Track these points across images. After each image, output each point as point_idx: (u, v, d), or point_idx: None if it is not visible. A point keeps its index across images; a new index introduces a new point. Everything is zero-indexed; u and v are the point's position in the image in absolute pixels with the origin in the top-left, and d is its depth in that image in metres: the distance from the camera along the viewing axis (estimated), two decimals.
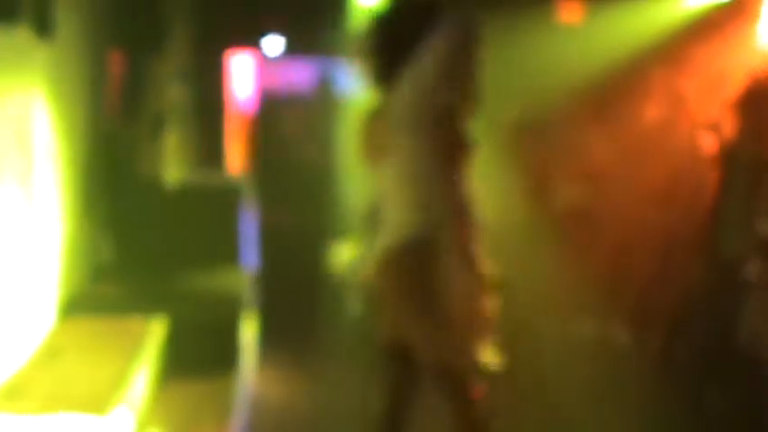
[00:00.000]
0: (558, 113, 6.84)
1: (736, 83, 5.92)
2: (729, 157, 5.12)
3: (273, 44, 8.84)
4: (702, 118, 6.95)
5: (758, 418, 3.70)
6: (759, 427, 3.69)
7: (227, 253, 6.13)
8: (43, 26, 4.18)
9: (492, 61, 3.57)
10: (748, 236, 3.84)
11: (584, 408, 5.54)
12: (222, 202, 6.26)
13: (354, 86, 7.20)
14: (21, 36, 3.95)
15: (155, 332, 4.66)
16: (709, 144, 6.37)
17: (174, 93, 6.69)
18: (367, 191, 6.58)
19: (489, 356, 3.32)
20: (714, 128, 6.44)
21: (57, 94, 4.59)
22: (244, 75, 8.64)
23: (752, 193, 4.47)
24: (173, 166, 6.36)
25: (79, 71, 5.16)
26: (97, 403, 3.46)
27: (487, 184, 3.61)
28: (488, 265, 3.35)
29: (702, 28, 7.68)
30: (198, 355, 4.85)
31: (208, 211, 6.12)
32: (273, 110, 8.90)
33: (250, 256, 6.36)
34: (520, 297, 5.50)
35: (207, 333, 4.94)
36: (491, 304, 3.37)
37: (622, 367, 6.36)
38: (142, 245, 5.79)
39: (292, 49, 8.79)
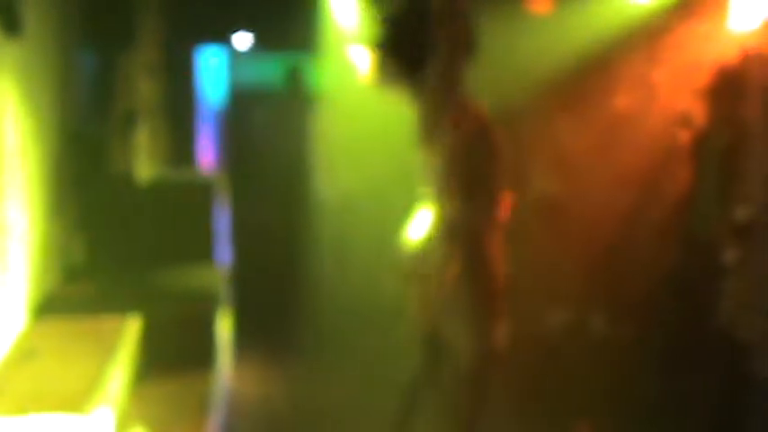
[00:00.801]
0: (528, 104, 6.83)
1: (707, 71, 5.96)
2: (702, 143, 5.15)
3: (244, 39, 8.79)
4: (674, 106, 6.99)
5: (735, 400, 3.72)
6: (736, 409, 3.71)
7: (202, 250, 6.09)
8: (11, 24, 4.12)
9: None
10: (722, 221, 3.85)
11: (562, 395, 5.57)
12: (195, 198, 6.21)
13: (326, 81, 7.19)
14: None
15: (129, 331, 4.62)
16: (681, 131, 6.41)
17: (144, 89, 6.63)
18: (339, 186, 6.60)
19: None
20: (686, 115, 6.48)
21: (26, 93, 4.53)
22: (215, 70, 8.59)
23: (725, 178, 4.49)
24: (145, 163, 6.30)
25: (48, 69, 5.11)
26: (77, 403, 3.43)
27: None
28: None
29: (673, 16, 7.71)
30: (174, 353, 4.82)
31: (181, 208, 6.07)
32: (245, 105, 8.85)
33: (224, 253, 6.33)
34: None
35: (182, 331, 4.91)
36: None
37: (599, 354, 6.39)
38: (115, 243, 5.75)
39: (263, 44, 8.75)
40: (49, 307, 4.84)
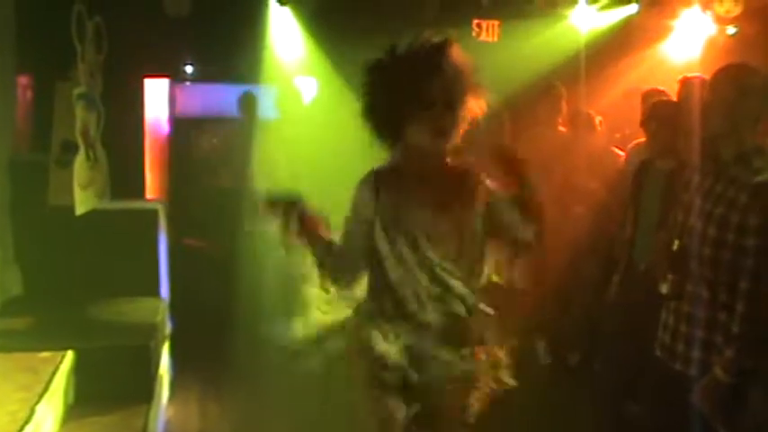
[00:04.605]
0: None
1: (646, 99, 5.98)
2: (642, 171, 5.15)
3: (190, 69, 8.79)
4: (614, 134, 7.03)
5: (676, 428, 3.70)
6: None
7: (144, 280, 6.00)
8: None
9: None
10: (661, 250, 3.83)
11: (507, 425, 5.52)
12: (138, 228, 6.12)
13: (270, 113, 7.16)
14: None
15: (64, 366, 4.52)
16: (620, 160, 6.43)
17: (85, 118, 6.53)
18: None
19: None
20: (625, 144, 6.49)
21: None
22: (160, 100, 8.51)
23: (666, 206, 4.48)
24: (85, 192, 6.20)
25: None
26: None
27: None
28: None
29: (613, 46, 7.80)
30: (111, 387, 4.74)
31: (123, 239, 5.98)
32: (189, 135, 8.80)
33: (165, 283, 6.23)
34: None
35: (120, 364, 4.83)
36: None
37: (544, 384, 6.37)
38: (53, 275, 5.64)
39: (209, 75, 8.77)
40: None
